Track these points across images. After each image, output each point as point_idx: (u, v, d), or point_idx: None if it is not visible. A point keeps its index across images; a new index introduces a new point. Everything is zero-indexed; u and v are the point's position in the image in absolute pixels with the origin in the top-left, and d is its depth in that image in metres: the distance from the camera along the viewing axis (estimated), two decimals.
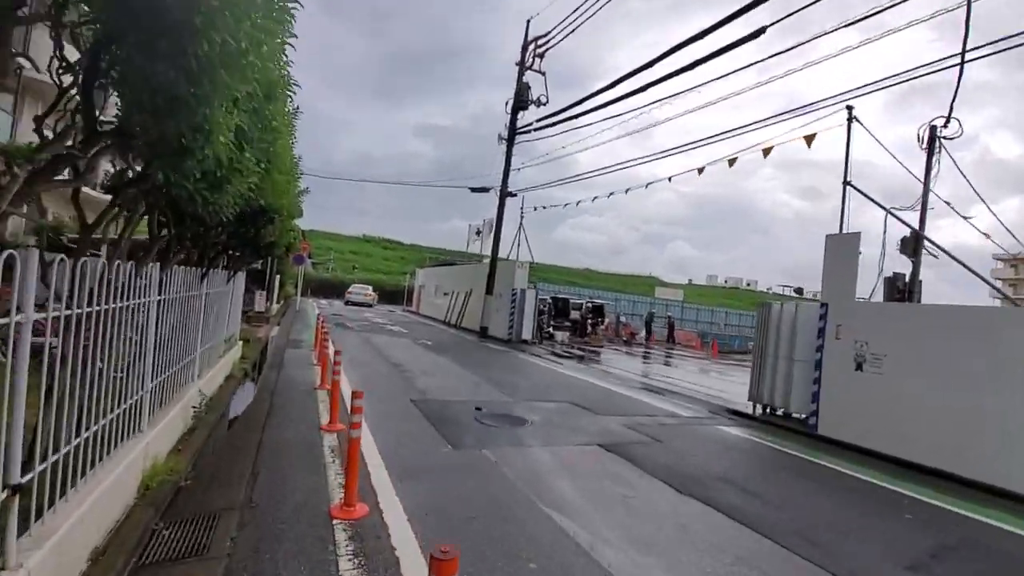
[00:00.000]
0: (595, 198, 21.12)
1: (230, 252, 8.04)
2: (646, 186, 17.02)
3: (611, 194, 19.35)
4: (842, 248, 8.50)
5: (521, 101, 20.60)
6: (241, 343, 10.05)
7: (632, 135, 20.05)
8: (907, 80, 8.73)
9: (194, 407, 5.56)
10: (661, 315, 43.77)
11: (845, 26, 9.64)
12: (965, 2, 8.13)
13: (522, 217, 22.02)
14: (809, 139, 10.22)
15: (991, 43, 8.06)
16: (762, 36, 10.39)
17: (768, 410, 9.85)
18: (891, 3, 8.67)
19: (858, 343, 8.01)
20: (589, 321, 26.16)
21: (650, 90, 14.20)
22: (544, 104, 20.18)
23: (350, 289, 37.34)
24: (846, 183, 8.89)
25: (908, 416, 7.25)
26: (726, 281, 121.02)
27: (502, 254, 21.82)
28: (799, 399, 9.20)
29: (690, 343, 30.46)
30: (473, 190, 21.77)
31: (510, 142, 21.02)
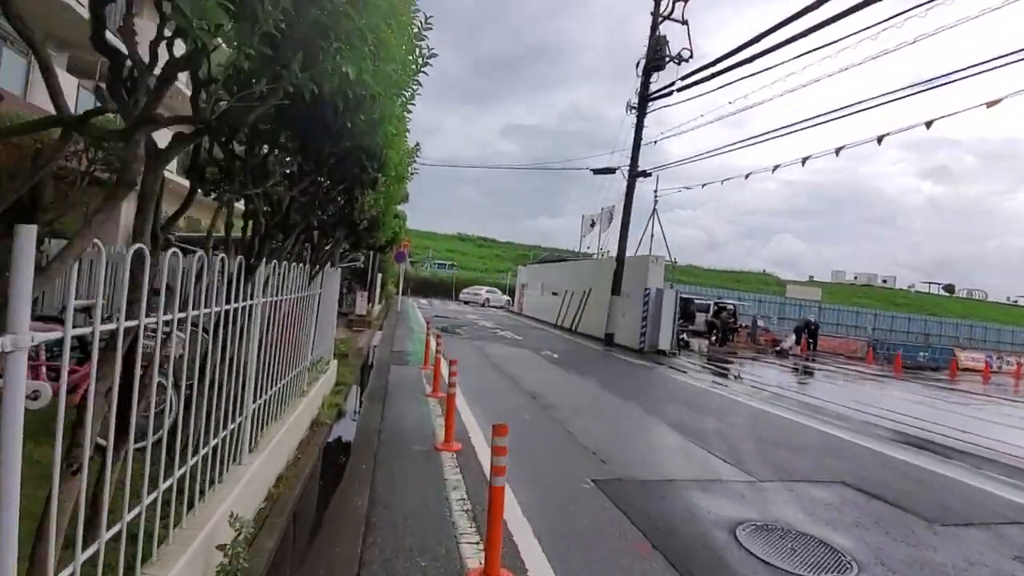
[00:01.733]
0: (724, 181, 16.72)
1: (326, 241, 5.53)
2: (773, 170, 12.51)
3: (749, 175, 14.98)
4: None
5: (657, 59, 16.85)
6: (336, 361, 7.61)
7: (787, 97, 15.54)
8: None
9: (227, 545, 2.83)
10: (787, 316, 37.40)
11: None
12: None
13: (656, 201, 18.40)
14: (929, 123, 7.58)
15: None
16: None
17: None
18: None
19: None
20: (731, 325, 21.73)
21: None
22: (687, 60, 16.29)
23: (464, 291, 40.76)
24: None
25: None
26: (856, 278, 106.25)
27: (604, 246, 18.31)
28: None
29: (853, 353, 24.69)
30: (596, 171, 18.43)
31: (641, 110, 17.36)
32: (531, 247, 69.52)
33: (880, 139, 11.16)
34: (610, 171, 17.88)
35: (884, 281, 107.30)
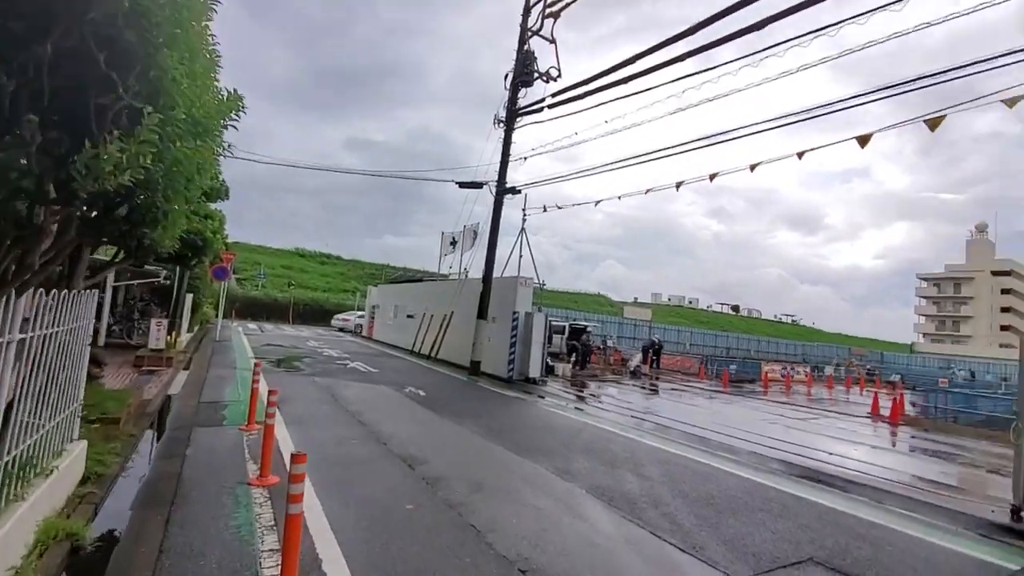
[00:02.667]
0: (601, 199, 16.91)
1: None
2: (596, 203, 13.32)
3: (620, 197, 15.21)
4: None
5: (525, 74, 16.19)
6: (91, 437, 4.67)
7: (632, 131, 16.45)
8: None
9: None
10: (624, 335, 40.53)
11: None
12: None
13: (524, 220, 17.53)
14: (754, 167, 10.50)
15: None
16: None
17: None
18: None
19: None
20: (589, 347, 21.87)
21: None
22: (556, 79, 15.89)
23: (336, 317, 37.32)
24: None
25: None
26: (669, 299, 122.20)
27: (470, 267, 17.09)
28: None
29: (688, 370, 26.96)
30: (462, 185, 16.95)
31: (509, 123, 16.49)
32: (380, 266, 65.48)
33: (678, 185, 12.59)
34: (477, 185, 16.60)
35: (690, 302, 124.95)
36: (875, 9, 8.23)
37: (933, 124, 8.32)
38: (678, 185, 12.72)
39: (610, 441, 8.33)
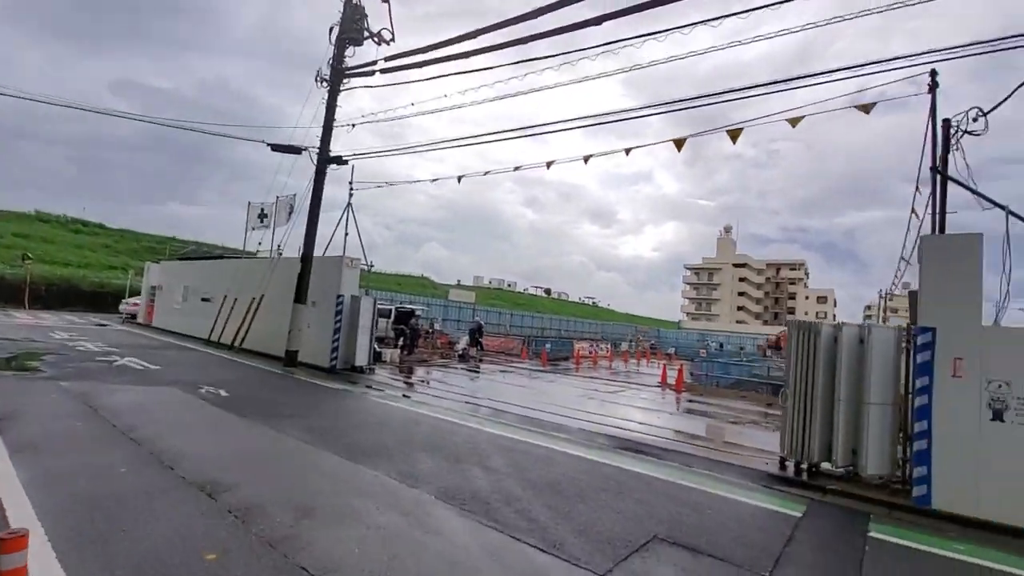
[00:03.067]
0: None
1: None
2: (485, 174, 13.67)
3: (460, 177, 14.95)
4: (952, 254, 6.36)
5: (354, 32, 14.54)
6: None
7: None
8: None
9: None
10: (454, 318, 41.17)
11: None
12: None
13: (351, 194, 15.77)
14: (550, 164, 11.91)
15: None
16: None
17: (812, 468, 7.30)
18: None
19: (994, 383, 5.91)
20: (418, 331, 21.24)
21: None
22: (389, 43, 14.57)
23: (125, 302, 29.33)
24: (933, 169, 6.94)
25: None
26: (490, 282, 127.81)
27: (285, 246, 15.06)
28: (878, 455, 6.86)
29: (512, 351, 28.26)
30: (275, 148, 14.51)
31: (335, 83, 14.72)
32: (163, 239, 54.58)
33: (487, 172, 13.56)
34: (294, 150, 14.44)
35: (508, 285, 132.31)
36: (659, 32, 8.97)
37: (678, 144, 9.97)
38: (486, 172, 13.63)
39: (451, 433, 7.93)
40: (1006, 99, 7.11)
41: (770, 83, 8.92)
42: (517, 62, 11.12)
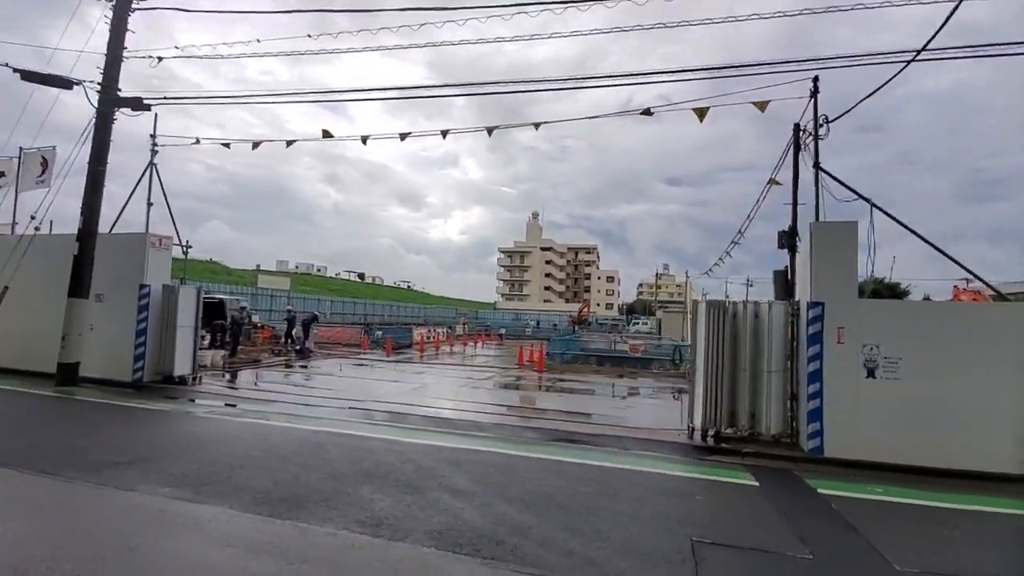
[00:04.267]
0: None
1: None
2: (254, 145, 12.07)
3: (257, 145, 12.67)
4: (835, 239, 7.39)
5: None
6: None
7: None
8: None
9: None
10: (265, 308, 36.15)
11: None
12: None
13: (155, 150, 11.68)
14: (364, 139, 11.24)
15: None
16: None
17: (718, 433, 7.93)
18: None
19: (867, 347, 7.09)
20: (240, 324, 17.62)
21: None
22: None
23: None
24: (817, 166, 7.91)
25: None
26: (297, 267, 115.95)
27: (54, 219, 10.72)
28: (777, 417, 7.71)
29: (349, 341, 25.70)
30: (27, 77, 9.90)
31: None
32: None
33: (290, 143, 11.86)
34: (62, 83, 10.21)
35: (318, 270, 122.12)
36: (456, 8, 8.97)
37: (490, 131, 10.38)
38: (289, 143, 11.95)
39: (369, 451, 6.45)
40: (847, 112, 8.56)
41: (567, 78, 9.79)
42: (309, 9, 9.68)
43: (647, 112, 9.76)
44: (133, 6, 10.89)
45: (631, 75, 10.06)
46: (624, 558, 3.76)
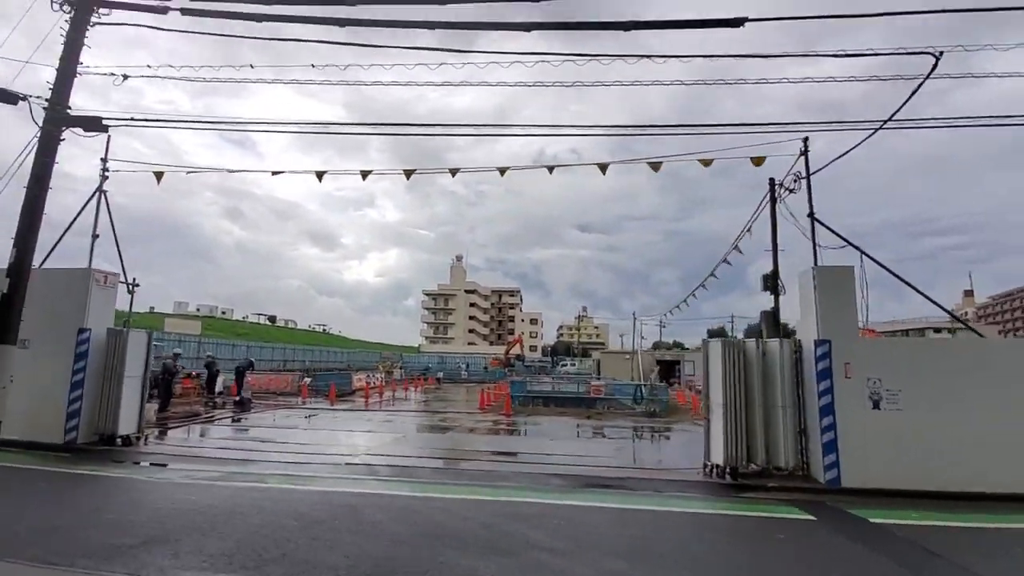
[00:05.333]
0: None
1: None
2: (158, 177, 11.76)
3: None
4: (836, 281, 8.10)
5: None
6: None
7: None
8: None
9: None
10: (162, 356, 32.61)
11: None
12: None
13: (105, 175, 10.09)
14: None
15: None
16: None
17: (735, 469, 8.12)
18: None
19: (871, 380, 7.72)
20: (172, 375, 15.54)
21: None
22: None
23: None
24: (812, 216, 8.68)
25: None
26: (198, 309, 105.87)
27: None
28: (790, 451, 8.05)
29: (284, 390, 23.52)
30: None
31: (82, 9, 9.86)
32: None
33: (276, 173, 10.82)
34: (8, 98, 8.81)
35: (223, 313, 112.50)
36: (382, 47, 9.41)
37: (408, 173, 10.40)
38: (188, 173, 11.05)
39: (411, 511, 5.81)
40: (821, 169, 9.62)
41: (490, 124, 10.21)
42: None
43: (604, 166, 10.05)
44: (94, 20, 9.82)
45: (548, 126, 10.59)
46: None
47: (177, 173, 11.23)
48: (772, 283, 10.24)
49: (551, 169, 10.57)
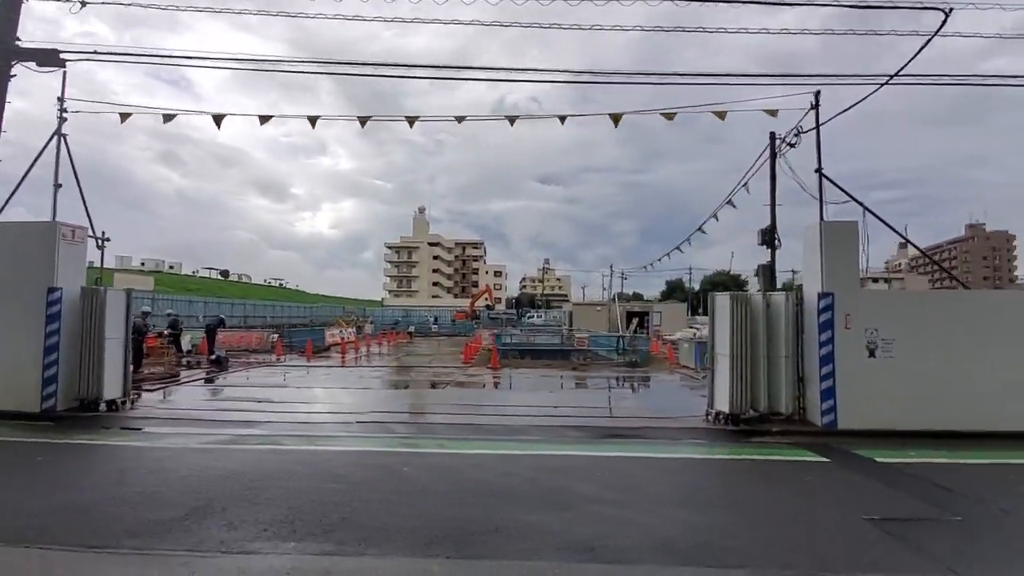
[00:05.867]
0: None
1: None
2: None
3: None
4: (841, 236, 8.33)
5: None
6: None
7: None
8: None
9: None
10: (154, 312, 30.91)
11: None
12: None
13: (63, 117, 8.86)
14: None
15: None
16: None
17: (738, 416, 8.53)
18: None
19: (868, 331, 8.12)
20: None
21: None
22: None
23: None
24: (819, 171, 8.75)
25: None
26: (143, 263, 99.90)
27: None
28: (789, 397, 8.48)
29: (259, 347, 22.78)
30: None
31: None
32: None
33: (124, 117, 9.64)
34: None
35: (171, 267, 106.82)
36: None
37: (363, 121, 10.21)
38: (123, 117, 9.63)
39: (448, 469, 5.81)
40: (817, 126, 9.68)
41: (448, 66, 9.95)
42: None
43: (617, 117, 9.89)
44: None
45: (509, 70, 10.31)
46: (835, 545, 3.87)
47: (102, 115, 10.05)
48: (769, 237, 10.48)
49: (512, 121, 10.24)
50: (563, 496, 4.88)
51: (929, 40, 8.14)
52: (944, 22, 7.95)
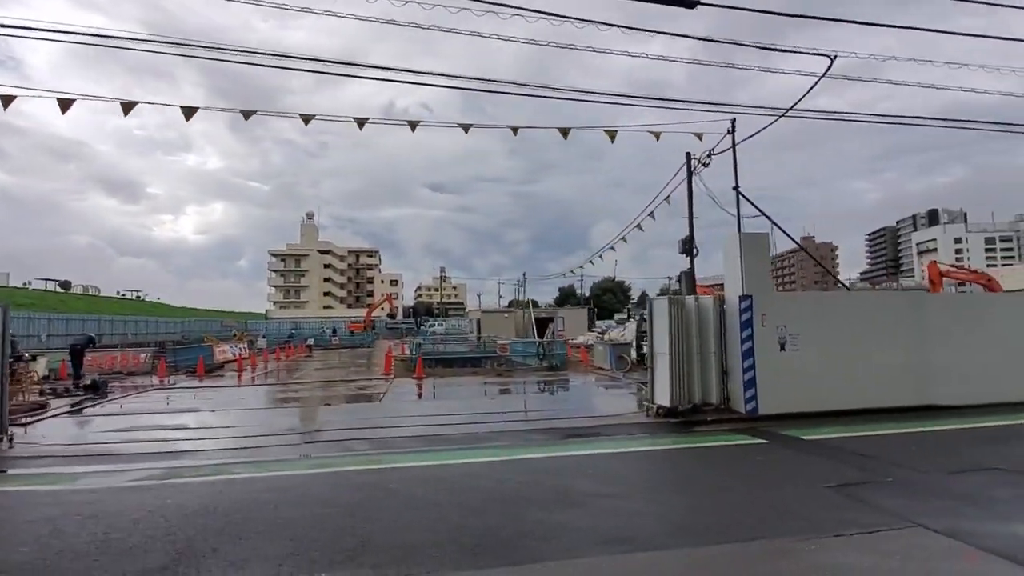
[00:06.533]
0: None
1: None
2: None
3: None
4: (756, 245, 9.52)
5: None
6: None
7: None
8: None
9: None
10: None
11: None
12: None
13: None
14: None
15: None
16: None
17: (675, 409, 9.37)
18: None
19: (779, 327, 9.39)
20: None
21: None
22: None
23: None
24: (736, 188, 9.86)
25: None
26: None
27: None
28: (717, 390, 9.46)
29: (136, 369, 19.81)
30: None
31: None
32: None
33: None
34: None
35: None
36: None
37: (246, 115, 9.54)
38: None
39: (437, 480, 5.69)
40: (733, 147, 11.05)
41: (337, 62, 10.15)
42: None
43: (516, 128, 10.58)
44: None
45: (404, 71, 9.75)
46: (818, 510, 4.51)
47: None
48: (688, 247, 11.62)
49: (414, 127, 10.27)
50: (568, 494, 5.04)
51: (817, 81, 9.69)
52: (830, 67, 9.52)
